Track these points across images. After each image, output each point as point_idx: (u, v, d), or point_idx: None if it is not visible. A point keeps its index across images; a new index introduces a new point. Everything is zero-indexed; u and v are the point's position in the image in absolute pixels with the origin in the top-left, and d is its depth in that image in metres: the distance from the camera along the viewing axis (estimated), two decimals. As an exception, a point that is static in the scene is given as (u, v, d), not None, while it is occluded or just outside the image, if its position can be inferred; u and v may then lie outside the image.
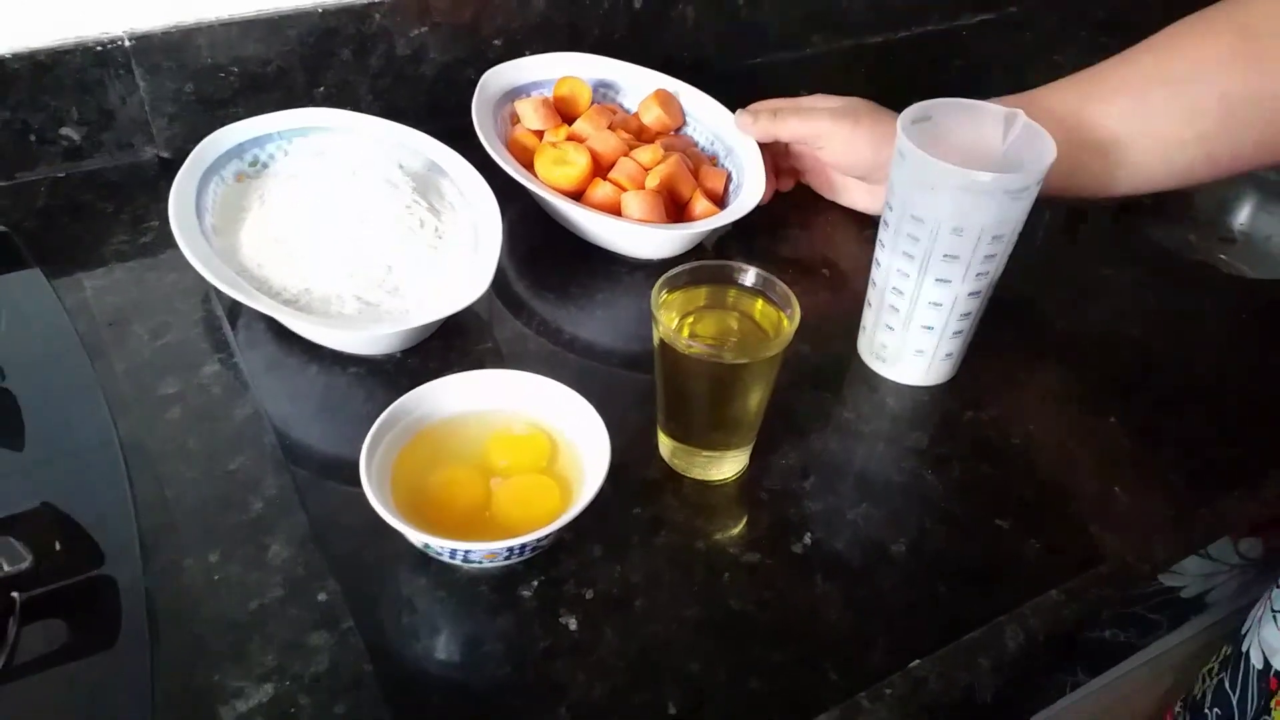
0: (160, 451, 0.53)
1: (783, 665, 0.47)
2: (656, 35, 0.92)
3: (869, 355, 0.64)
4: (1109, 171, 0.64)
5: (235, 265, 0.60)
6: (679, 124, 0.79)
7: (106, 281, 0.64)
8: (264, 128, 0.68)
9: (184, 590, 0.47)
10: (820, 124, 0.70)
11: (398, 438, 0.51)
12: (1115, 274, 0.75)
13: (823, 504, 0.55)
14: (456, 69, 0.83)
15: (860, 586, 0.51)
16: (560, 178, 0.70)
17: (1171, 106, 0.61)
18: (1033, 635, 0.49)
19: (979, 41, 1.10)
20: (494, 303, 0.67)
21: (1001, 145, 0.58)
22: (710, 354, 0.51)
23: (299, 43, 0.76)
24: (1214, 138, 0.61)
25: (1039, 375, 0.65)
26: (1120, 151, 0.63)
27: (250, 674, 0.44)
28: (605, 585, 0.50)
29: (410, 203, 0.64)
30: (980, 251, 0.55)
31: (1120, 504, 0.56)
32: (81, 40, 0.69)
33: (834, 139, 0.70)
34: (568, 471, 0.52)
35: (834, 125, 0.70)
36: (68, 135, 0.72)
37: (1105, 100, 0.63)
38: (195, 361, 0.59)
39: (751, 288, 0.54)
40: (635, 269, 0.71)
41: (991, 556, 0.53)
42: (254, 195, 0.65)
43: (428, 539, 0.45)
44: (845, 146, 0.70)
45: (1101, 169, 0.64)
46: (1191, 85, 0.61)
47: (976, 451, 0.59)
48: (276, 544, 0.49)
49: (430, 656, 0.46)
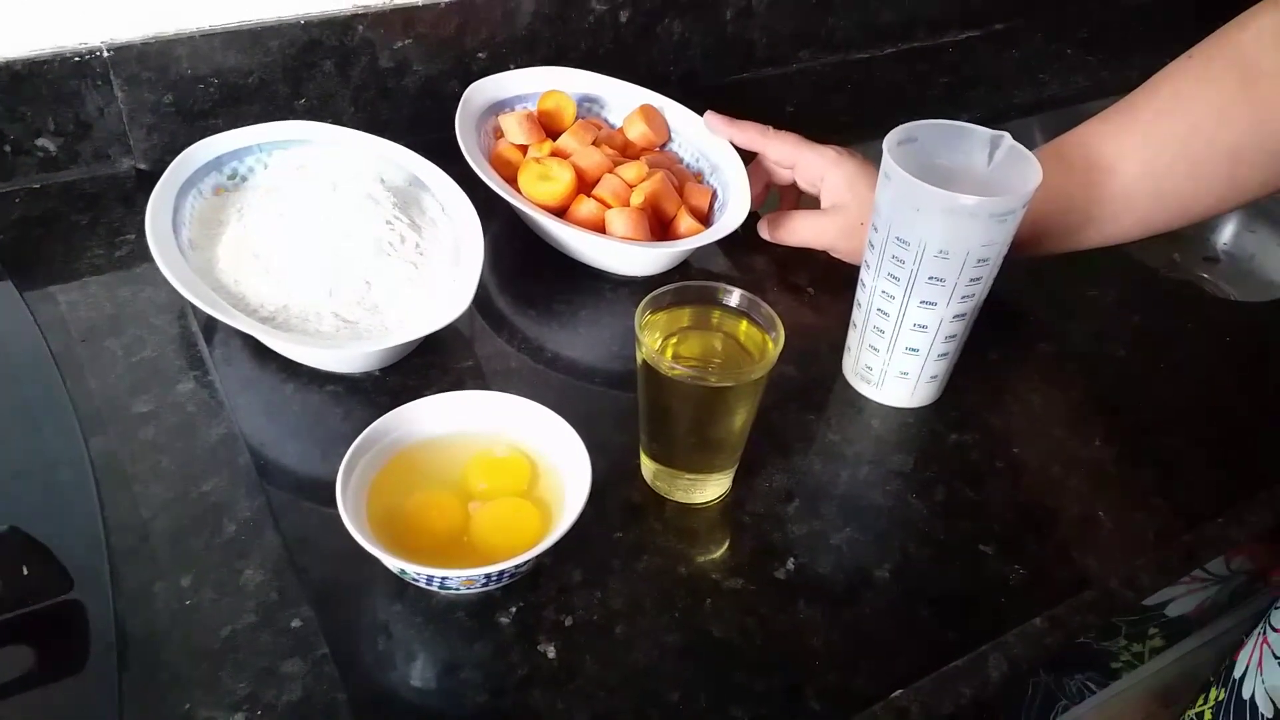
0: (132, 472, 0.52)
1: (765, 694, 0.46)
2: (642, 50, 0.92)
3: (854, 377, 0.64)
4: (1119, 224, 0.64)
5: (212, 281, 0.60)
6: (664, 140, 0.79)
7: (80, 296, 0.63)
8: (244, 140, 0.68)
9: (154, 616, 0.46)
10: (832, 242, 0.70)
11: (375, 459, 0.50)
12: (1100, 294, 0.75)
13: (806, 528, 0.54)
14: (440, 82, 0.82)
15: (843, 612, 0.50)
16: (544, 194, 0.69)
17: (1178, 166, 0.61)
18: (1016, 663, 0.49)
19: (964, 58, 1.11)
20: (475, 320, 0.66)
21: (987, 168, 0.58)
22: (694, 376, 0.50)
23: (280, 54, 0.75)
24: (1223, 185, 0.61)
25: (1024, 397, 0.65)
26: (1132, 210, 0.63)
27: (221, 702, 0.43)
28: (585, 612, 0.49)
29: (391, 218, 0.63)
30: (965, 274, 0.55)
31: (1104, 528, 0.56)
32: (59, 50, 0.68)
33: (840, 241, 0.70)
34: (548, 495, 0.51)
35: (845, 244, 0.70)
36: (44, 146, 0.71)
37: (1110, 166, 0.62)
38: (170, 379, 0.58)
39: (736, 309, 0.54)
40: (619, 286, 0.70)
41: (975, 582, 0.53)
42: (232, 209, 0.64)
43: (404, 564, 0.44)
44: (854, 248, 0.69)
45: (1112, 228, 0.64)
46: (1197, 143, 0.60)
47: (961, 475, 0.58)
48: (250, 568, 0.48)
49: (406, 684, 0.46)
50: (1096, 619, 0.52)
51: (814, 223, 0.71)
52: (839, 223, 0.69)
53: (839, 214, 0.69)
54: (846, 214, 0.69)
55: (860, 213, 0.68)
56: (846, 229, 0.69)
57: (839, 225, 0.69)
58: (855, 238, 0.68)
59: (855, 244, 0.68)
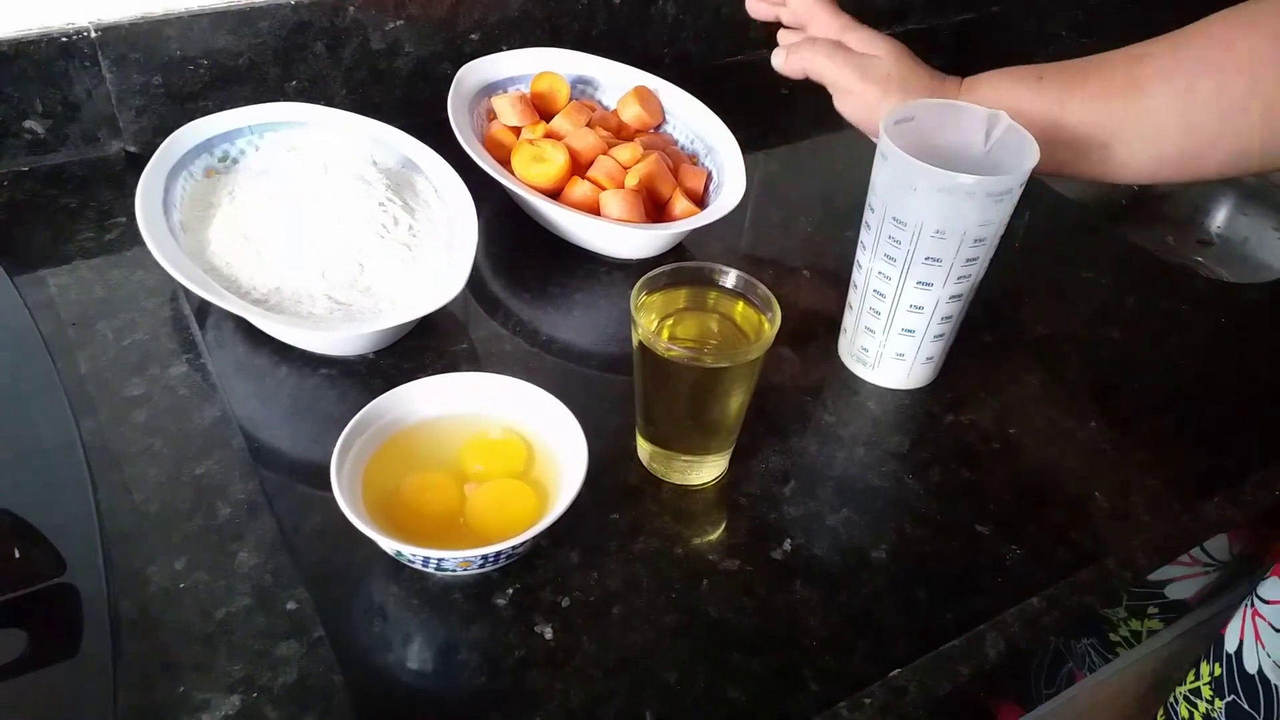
0: (125, 455, 0.52)
1: (762, 674, 0.46)
2: (636, 32, 0.91)
3: (849, 358, 0.63)
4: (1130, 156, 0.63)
5: (203, 263, 0.59)
6: (658, 121, 0.79)
7: (71, 279, 0.62)
8: (234, 122, 0.67)
9: (148, 599, 0.46)
10: (848, 80, 0.67)
11: (370, 442, 0.50)
12: (1094, 276, 0.75)
13: (802, 509, 0.54)
14: (432, 64, 0.82)
15: (840, 593, 0.50)
16: (538, 175, 0.69)
17: (1213, 103, 0.60)
18: (1013, 642, 0.49)
19: (960, 41, 1.10)
20: (470, 303, 0.66)
21: (984, 147, 0.58)
22: (690, 357, 0.50)
23: (271, 35, 0.74)
24: (1246, 137, 0.60)
25: (1019, 379, 0.65)
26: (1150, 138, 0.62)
27: (217, 685, 0.43)
28: (582, 593, 0.49)
29: (384, 200, 0.63)
30: (962, 254, 0.55)
31: (1100, 508, 0.56)
32: (46, 31, 0.67)
33: (857, 103, 0.68)
34: (544, 477, 0.51)
35: (862, 87, 0.67)
36: (31, 129, 0.70)
37: (1146, 87, 0.61)
38: (162, 362, 0.57)
39: (732, 290, 0.54)
40: (614, 269, 0.70)
41: (972, 562, 0.53)
42: (223, 191, 0.64)
43: (400, 546, 0.44)
44: (863, 113, 0.68)
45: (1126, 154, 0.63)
46: (1236, 83, 0.59)
47: (957, 456, 0.58)
48: (244, 551, 0.48)
49: (402, 666, 0.45)
50: (1094, 599, 0.52)
51: (840, 57, 0.67)
52: (867, 67, 0.67)
53: (870, 60, 0.67)
54: (876, 64, 0.67)
55: (890, 68, 0.66)
56: (871, 76, 0.66)
57: (866, 69, 0.67)
58: (871, 90, 0.66)
59: (868, 97, 0.67)
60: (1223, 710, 0.70)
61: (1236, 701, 0.69)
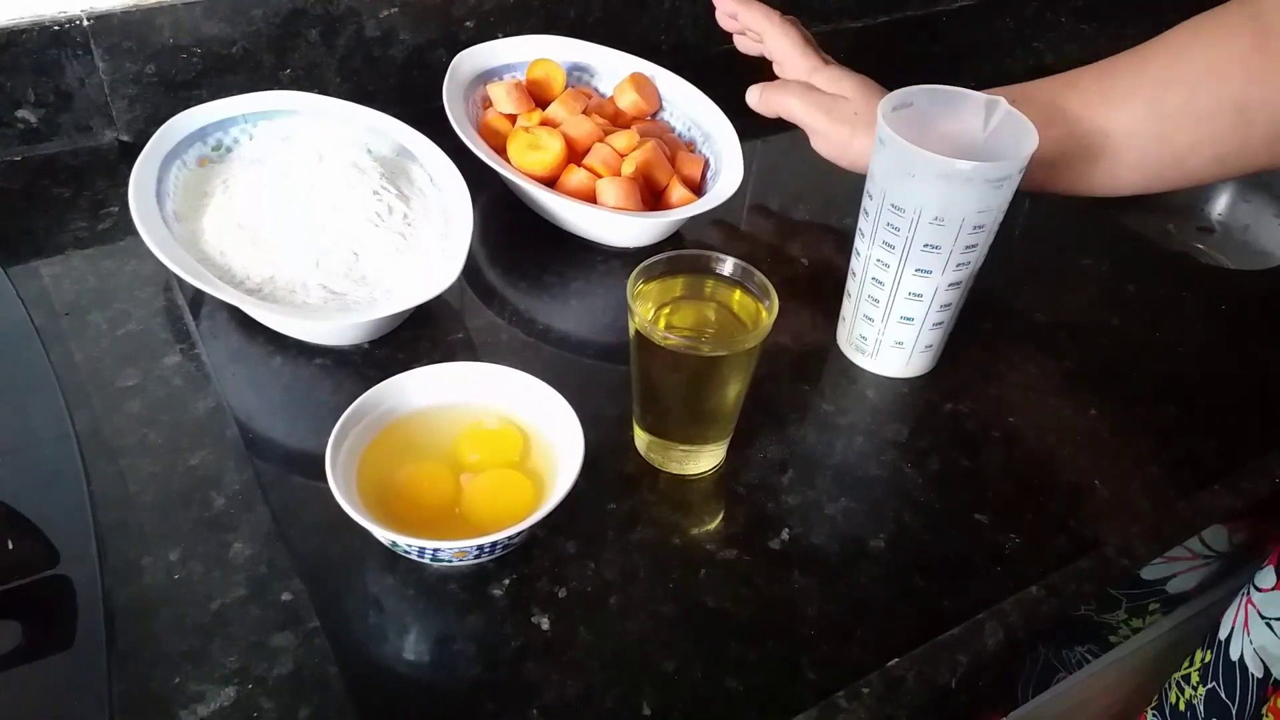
0: (119, 445, 0.52)
1: (760, 664, 0.46)
2: (632, 18, 0.90)
3: (848, 347, 0.63)
4: (1113, 171, 0.63)
5: (197, 253, 0.59)
6: (655, 109, 0.78)
7: (64, 269, 0.62)
8: (228, 111, 0.66)
9: (143, 590, 0.45)
10: (817, 121, 0.69)
11: (365, 432, 0.49)
12: (1094, 264, 0.75)
13: (800, 498, 0.54)
14: (427, 51, 0.81)
15: (838, 582, 0.50)
16: (533, 163, 0.68)
17: (1185, 111, 0.60)
18: (1012, 631, 0.49)
19: (958, 27, 1.10)
20: (465, 292, 0.65)
21: (983, 133, 0.57)
22: (687, 346, 0.49)
23: (264, 23, 0.74)
24: (1225, 140, 0.60)
25: (1018, 367, 0.64)
26: (1130, 152, 0.62)
27: (211, 676, 0.43)
28: (579, 583, 0.48)
29: (379, 188, 0.62)
30: (961, 241, 0.55)
31: (1099, 497, 0.56)
32: (38, 19, 0.67)
33: (827, 143, 0.70)
34: (540, 467, 0.50)
35: (831, 129, 0.69)
36: (24, 118, 0.70)
37: (1117, 103, 0.62)
38: (156, 352, 0.57)
39: (729, 278, 0.53)
40: (611, 257, 0.69)
41: (970, 551, 0.52)
42: (217, 180, 0.63)
43: (395, 537, 0.44)
44: (835, 153, 0.70)
45: (1108, 169, 0.63)
46: (1206, 87, 0.59)
47: (956, 444, 0.58)
48: (239, 541, 0.48)
49: (398, 657, 0.45)
50: (1092, 587, 0.52)
51: (810, 99, 0.70)
52: (833, 109, 0.69)
53: (836, 102, 0.69)
54: (842, 105, 0.69)
55: (858, 107, 0.68)
56: (837, 117, 0.68)
57: (832, 112, 0.69)
58: (839, 131, 0.68)
59: (836, 138, 0.69)
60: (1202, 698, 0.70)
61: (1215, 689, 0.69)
